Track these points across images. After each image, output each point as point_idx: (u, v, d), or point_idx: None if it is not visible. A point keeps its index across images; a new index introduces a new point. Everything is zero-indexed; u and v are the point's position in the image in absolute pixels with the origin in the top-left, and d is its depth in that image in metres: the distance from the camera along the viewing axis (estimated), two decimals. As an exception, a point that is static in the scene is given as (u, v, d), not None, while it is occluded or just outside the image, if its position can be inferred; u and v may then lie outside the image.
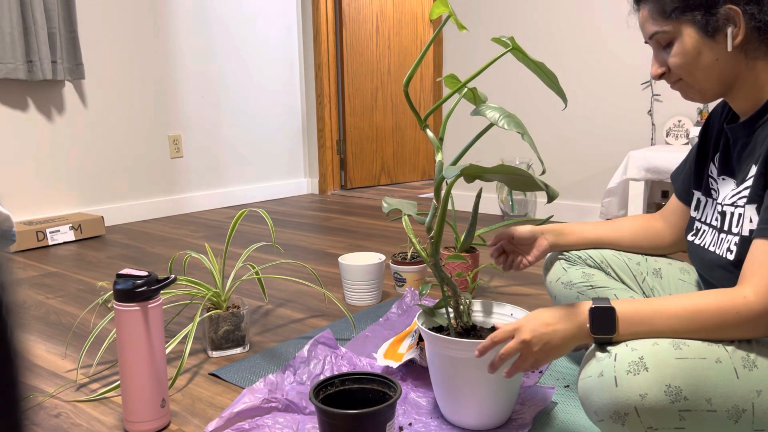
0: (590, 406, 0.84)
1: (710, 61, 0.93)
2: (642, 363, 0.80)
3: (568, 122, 2.93)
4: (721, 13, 0.90)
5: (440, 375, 1.08)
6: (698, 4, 0.91)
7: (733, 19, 0.90)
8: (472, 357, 1.02)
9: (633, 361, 0.80)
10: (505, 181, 0.93)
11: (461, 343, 1.03)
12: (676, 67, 0.95)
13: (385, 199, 1.14)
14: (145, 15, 3.15)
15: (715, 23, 0.90)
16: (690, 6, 0.91)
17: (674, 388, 0.79)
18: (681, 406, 0.79)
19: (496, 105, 0.96)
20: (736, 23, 0.90)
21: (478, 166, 0.89)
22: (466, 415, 1.08)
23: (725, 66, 0.93)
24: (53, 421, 1.18)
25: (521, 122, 0.92)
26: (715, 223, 1.00)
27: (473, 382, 1.04)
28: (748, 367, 0.82)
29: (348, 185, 4.15)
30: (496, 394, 1.05)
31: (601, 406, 0.82)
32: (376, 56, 4.17)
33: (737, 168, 0.97)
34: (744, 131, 0.96)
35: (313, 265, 2.26)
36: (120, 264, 2.34)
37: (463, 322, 1.13)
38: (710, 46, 0.92)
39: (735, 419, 0.80)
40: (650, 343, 0.82)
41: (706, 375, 0.80)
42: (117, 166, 3.13)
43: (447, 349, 1.04)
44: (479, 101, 1.06)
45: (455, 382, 1.06)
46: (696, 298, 0.85)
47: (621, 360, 0.81)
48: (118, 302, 1.09)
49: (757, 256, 0.85)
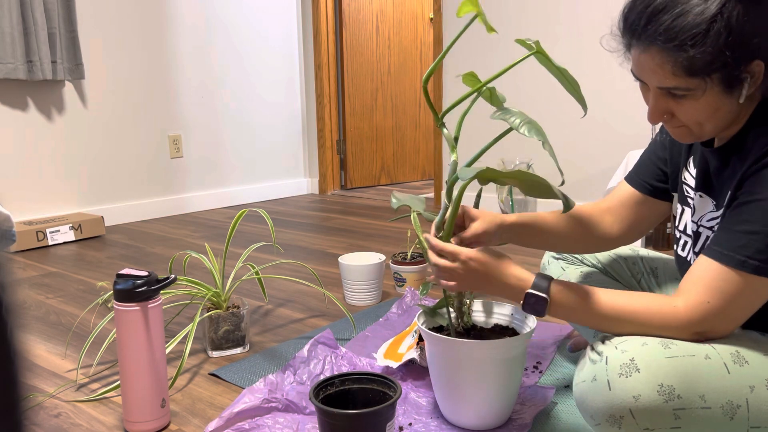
0: (586, 411, 0.85)
1: (726, 113, 0.88)
2: (633, 364, 0.80)
3: (568, 122, 2.93)
4: (749, 69, 0.84)
5: (440, 375, 1.08)
6: (729, 62, 0.82)
7: (755, 73, 0.85)
8: (473, 357, 1.02)
9: (624, 363, 0.81)
10: (521, 186, 0.93)
11: (461, 344, 1.03)
12: (689, 119, 0.89)
13: (394, 194, 1.13)
14: (145, 15, 3.15)
15: (739, 78, 0.84)
16: (722, 65, 0.82)
17: (667, 387, 0.79)
18: (675, 405, 0.79)
19: (517, 110, 0.96)
20: (755, 76, 0.85)
21: (494, 170, 0.88)
22: (466, 416, 1.08)
23: (732, 112, 0.89)
24: (53, 421, 1.18)
25: (542, 130, 0.91)
26: (689, 239, 1.01)
27: (473, 382, 1.04)
28: (738, 363, 0.83)
29: (348, 185, 4.15)
30: (496, 395, 1.05)
31: (597, 410, 0.82)
32: (376, 56, 4.17)
33: (718, 190, 0.95)
34: (718, 157, 0.94)
35: (313, 265, 2.26)
36: (120, 264, 2.34)
37: (463, 322, 1.13)
38: (728, 100, 0.86)
39: (730, 416, 0.81)
40: (639, 344, 0.83)
41: (697, 372, 0.81)
42: (117, 166, 3.13)
43: (447, 349, 1.04)
44: (497, 102, 1.05)
45: (455, 383, 1.06)
46: (629, 299, 0.88)
47: (612, 363, 0.82)
48: (118, 302, 1.09)
49: (697, 271, 0.87)
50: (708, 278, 0.85)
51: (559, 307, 0.92)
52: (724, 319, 0.85)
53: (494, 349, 1.02)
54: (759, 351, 0.85)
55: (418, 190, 4.10)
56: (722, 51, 0.81)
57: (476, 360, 1.03)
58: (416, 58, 4.39)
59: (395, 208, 1.07)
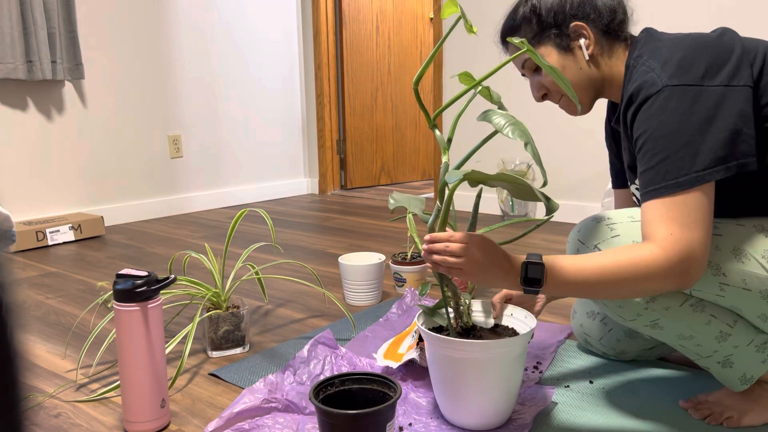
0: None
1: (575, 72, 1.07)
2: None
3: (569, 122, 2.93)
4: (571, 30, 1.06)
5: (440, 375, 1.08)
6: (548, 26, 1.07)
7: (580, 33, 1.06)
8: (473, 357, 1.02)
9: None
10: (507, 188, 0.94)
11: (461, 344, 1.03)
12: (551, 84, 1.09)
13: (392, 195, 1.13)
14: (145, 15, 3.15)
15: (568, 40, 1.06)
16: (543, 31, 1.07)
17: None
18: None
19: (504, 111, 0.96)
20: (586, 36, 1.06)
21: (480, 172, 0.89)
22: (467, 415, 1.08)
23: (590, 72, 1.08)
24: (53, 421, 1.18)
25: (527, 131, 0.93)
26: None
27: (474, 382, 1.04)
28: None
29: (348, 185, 4.15)
30: (496, 395, 1.05)
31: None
32: (376, 56, 4.17)
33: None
34: (620, 124, 1.07)
35: (313, 265, 2.26)
36: (120, 264, 2.34)
37: (463, 322, 1.13)
38: (571, 59, 1.07)
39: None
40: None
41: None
42: (117, 166, 3.13)
43: (447, 349, 1.04)
44: (493, 100, 1.08)
45: (456, 383, 1.06)
46: (613, 255, 0.92)
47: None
48: (117, 302, 1.09)
49: (647, 216, 0.93)
50: (659, 216, 0.91)
51: (555, 273, 0.93)
52: (695, 243, 0.89)
53: (494, 349, 1.02)
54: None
55: (418, 190, 4.10)
56: (538, 24, 1.07)
57: (476, 360, 1.03)
58: (416, 58, 4.39)
59: (392, 209, 1.08)
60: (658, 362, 1.35)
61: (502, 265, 0.95)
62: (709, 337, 1.02)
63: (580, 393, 1.22)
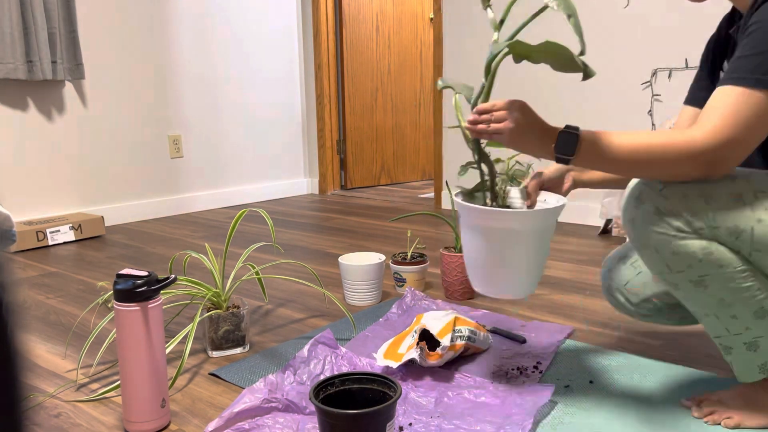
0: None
1: None
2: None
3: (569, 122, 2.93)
4: None
5: (475, 249, 1.10)
6: None
7: None
8: (509, 227, 1.06)
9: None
10: (549, 62, 0.99)
11: (496, 213, 1.06)
12: None
13: (442, 78, 1.17)
14: (145, 15, 3.15)
15: None
16: None
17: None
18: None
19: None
20: None
21: (523, 43, 0.94)
22: (499, 285, 1.12)
23: None
24: (53, 421, 1.18)
25: (572, 5, 0.96)
26: None
27: (509, 250, 1.08)
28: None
29: (348, 185, 4.15)
30: (530, 263, 1.09)
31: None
32: (376, 56, 4.17)
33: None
34: (744, 30, 1.02)
35: (313, 265, 2.26)
36: (120, 264, 2.34)
37: (498, 204, 1.16)
38: None
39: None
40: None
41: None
42: (117, 167, 3.13)
43: (482, 218, 1.08)
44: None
45: (491, 254, 1.09)
46: (651, 136, 0.93)
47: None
48: (118, 302, 1.09)
49: (714, 101, 0.92)
50: (725, 104, 0.90)
51: (588, 145, 0.96)
52: (737, 146, 0.89)
53: (527, 219, 1.07)
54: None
55: (418, 190, 4.10)
56: None
57: (510, 230, 1.06)
58: (416, 58, 4.39)
59: (439, 88, 1.14)
60: (658, 362, 1.35)
61: (540, 130, 0.99)
62: (749, 310, 0.98)
63: (580, 393, 1.23)
